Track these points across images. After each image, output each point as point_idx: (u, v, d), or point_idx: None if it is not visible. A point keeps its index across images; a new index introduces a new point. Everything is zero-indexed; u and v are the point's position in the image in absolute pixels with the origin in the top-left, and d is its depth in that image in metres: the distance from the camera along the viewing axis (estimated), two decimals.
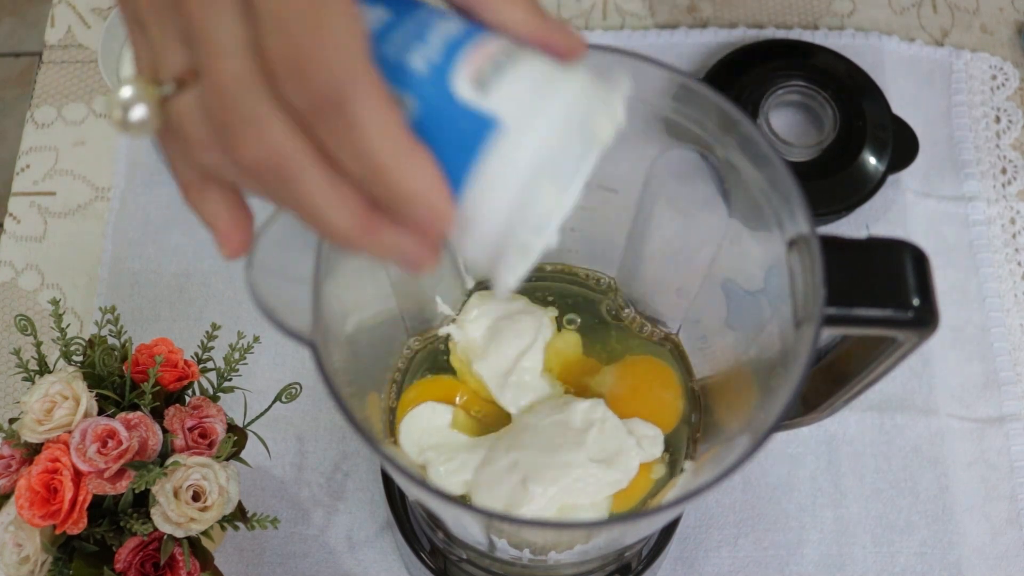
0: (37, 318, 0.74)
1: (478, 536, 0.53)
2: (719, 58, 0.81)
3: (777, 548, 0.69)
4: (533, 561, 0.56)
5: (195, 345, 0.63)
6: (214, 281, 0.77)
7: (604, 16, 0.86)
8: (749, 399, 0.49)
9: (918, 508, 0.70)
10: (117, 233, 0.78)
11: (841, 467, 0.71)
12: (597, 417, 0.54)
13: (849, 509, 0.70)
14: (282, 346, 0.73)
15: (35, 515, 0.54)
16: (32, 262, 0.78)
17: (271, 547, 0.69)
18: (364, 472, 0.71)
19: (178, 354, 0.61)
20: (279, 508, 0.70)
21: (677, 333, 0.59)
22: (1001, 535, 0.70)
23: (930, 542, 0.69)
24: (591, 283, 0.61)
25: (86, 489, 0.55)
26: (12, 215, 0.80)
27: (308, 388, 0.66)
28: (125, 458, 0.55)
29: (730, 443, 0.48)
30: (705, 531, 0.70)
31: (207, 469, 0.57)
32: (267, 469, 0.70)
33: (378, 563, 0.69)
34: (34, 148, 0.82)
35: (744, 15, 0.86)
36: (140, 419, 0.57)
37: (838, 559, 0.69)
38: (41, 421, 0.56)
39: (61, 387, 0.57)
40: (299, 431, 0.72)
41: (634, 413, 0.55)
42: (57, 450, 0.55)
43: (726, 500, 0.70)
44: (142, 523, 0.55)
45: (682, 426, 0.57)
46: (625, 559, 0.62)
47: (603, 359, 0.59)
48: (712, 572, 0.69)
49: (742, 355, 0.52)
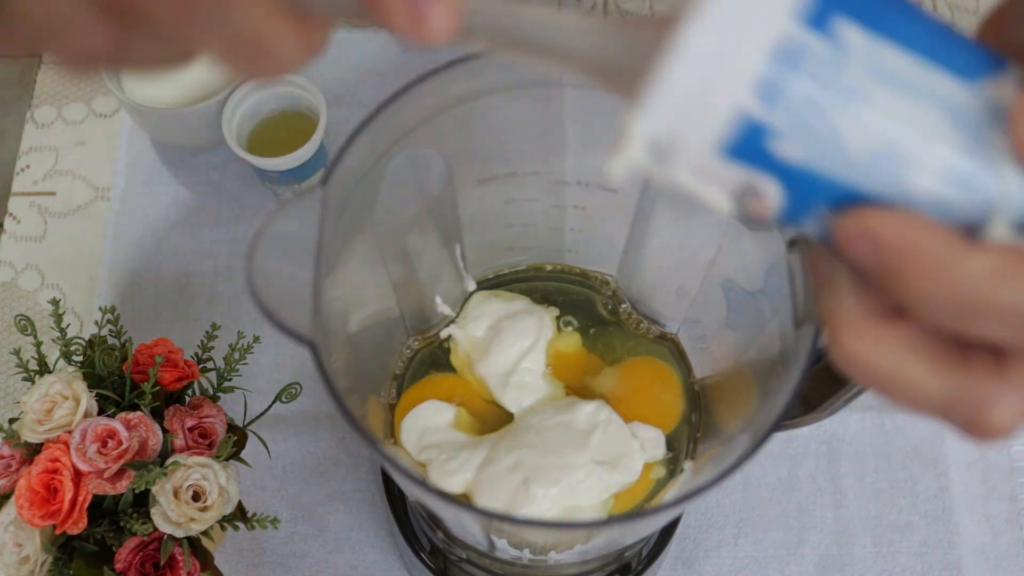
0: (37, 318, 0.74)
1: (478, 536, 0.53)
2: None
3: (777, 548, 0.69)
4: (533, 561, 0.56)
5: (195, 345, 0.63)
6: (214, 281, 0.77)
7: (604, 16, 0.86)
8: (749, 399, 0.49)
9: (918, 508, 0.70)
10: (117, 233, 0.78)
11: (841, 467, 0.71)
12: (601, 419, 0.54)
13: (849, 509, 0.70)
14: (282, 346, 0.73)
15: (35, 515, 0.54)
16: (32, 262, 0.78)
17: (271, 547, 0.69)
18: (364, 472, 0.71)
19: (178, 354, 0.61)
20: (279, 508, 0.70)
21: (677, 333, 0.59)
22: (1001, 535, 0.70)
23: (930, 542, 0.69)
24: (591, 283, 0.61)
25: (86, 489, 0.55)
26: (12, 215, 0.80)
27: (308, 388, 0.66)
28: (125, 458, 0.55)
29: (730, 443, 0.48)
30: (705, 531, 0.70)
31: (207, 469, 0.57)
32: (267, 469, 0.70)
33: (378, 563, 0.69)
34: (34, 148, 0.82)
35: None
36: (140, 419, 0.57)
37: (838, 559, 0.69)
38: (41, 421, 0.56)
39: (61, 387, 0.57)
40: (299, 431, 0.72)
41: (635, 414, 0.55)
42: (57, 450, 0.55)
43: (726, 500, 0.70)
44: (142, 523, 0.55)
45: (682, 426, 0.57)
46: (625, 559, 0.62)
47: (604, 359, 0.59)
48: (712, 572, 0.69)
49: (742, 355, 0.52)
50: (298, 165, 0.72)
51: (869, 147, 0.26)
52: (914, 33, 0.26)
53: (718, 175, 0.27)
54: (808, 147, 0.26)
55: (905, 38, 0.26)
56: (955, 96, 0.26)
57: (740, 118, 0.26)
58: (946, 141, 0.26)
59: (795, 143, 0.26)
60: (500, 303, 0.58)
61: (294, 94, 0.74)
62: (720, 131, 0.26)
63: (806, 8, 0.25)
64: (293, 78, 0.72)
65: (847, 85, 0.25)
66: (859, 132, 0.26)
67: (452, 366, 0.58)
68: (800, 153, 0.26)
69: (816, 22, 0.25)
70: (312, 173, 0.74)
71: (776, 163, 0.26)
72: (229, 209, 0.79)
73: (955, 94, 0.26)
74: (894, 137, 0.26)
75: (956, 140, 0.26)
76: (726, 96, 0.26)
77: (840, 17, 0.26)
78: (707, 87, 0.26)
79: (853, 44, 0.26)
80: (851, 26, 0.26)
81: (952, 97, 0.26)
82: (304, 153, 0.71)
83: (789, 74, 0.25)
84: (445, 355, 0.58)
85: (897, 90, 0.26)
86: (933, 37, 0.26)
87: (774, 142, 0.26)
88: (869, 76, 0.26)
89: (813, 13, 0.25)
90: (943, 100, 0.26)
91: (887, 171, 0.26)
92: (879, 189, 0.26)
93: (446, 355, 0.58)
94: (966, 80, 0.26)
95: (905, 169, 0.26)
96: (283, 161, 0.71)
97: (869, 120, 0.26)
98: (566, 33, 0.29)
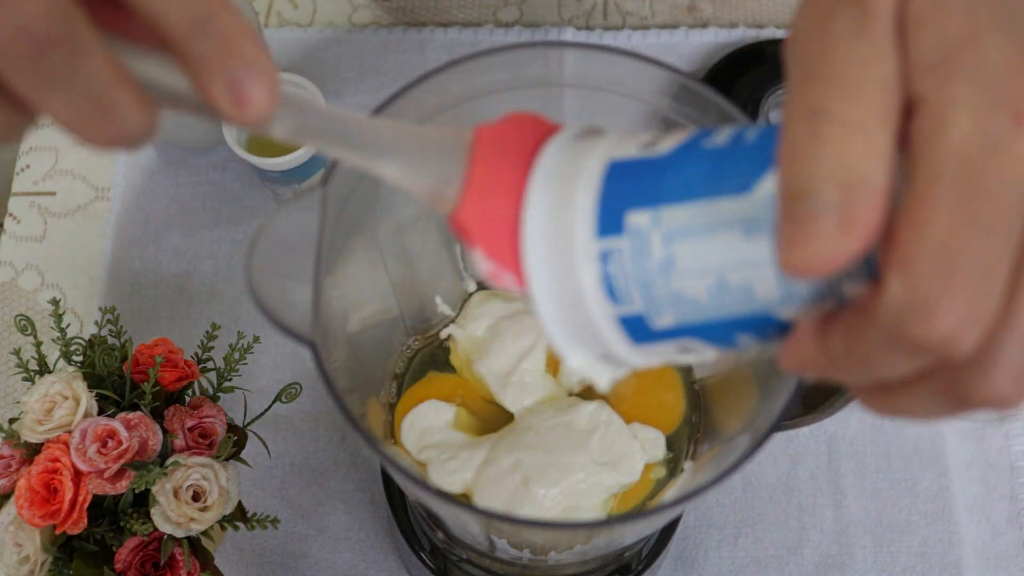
0: (37, 318, 0.74)
1: (478, 536, 0.53)
2: (719, 58, 0.81)
3: (777, 548, 0.69)
4: (533, 561, 0.56)
5: (195, 345, 0.63)
6: (214, 281, 0.77)
7: (604, 16, 0.86)
8: (749, 399, 0.49)
9: (918, 508, 0.70)
10: (117, 233, 0.78)
11: (841, 467, 0.71)
12: (602, 419, 0.54)
13: (849, 509, 0.70)
14: (282, 346, 0.73)
15: (35, 515, 0.54)
16: (32, 262, 0.78)
17: (271, 547, 0.69)
18: (364, 472, 0.71)
19: (178, 354, 0.61)
20: (279, 508, 0.70)
21: None
22: (1001, 535, 0.70)
23: (930, 542, 0.69)
24: None
25: (86, 489, 0.55)
26: (12, 215, 0.80)
27: (308, 388, 0.66)
28: (125, 458, 0.55)
29: (730, 443, 0.48)
30: (705, 531, 0.70)
31: (207, 469, 0.57)
32: (267, 469, 0.70)
33: (378, 563, 0.69)
34: (34, 148, 0.82)
35: (744, 15, 0.86)
36: (140, 419, 0.57)
37: (838, 559, 0.69)
38: (41, 421, 0.56)
39: (61, 387, 0.57)
40: (299, 431, 0.72)
41: (636, 414, 0.55)
42: (57, 450, 0.55)
43: (726, 500, 0.70)
44: (142, 523, 0.55)
45: (683, 426, 0.57)
46: (625, 559, 0.62)
47: None
48: (712, 572, 0.69)
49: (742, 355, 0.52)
50: (298, 165, 0.72)
51: (710, 287, 0.29)
52: (684, 186, 0.29)
53: (656, 351, 0.32)
54: (676, 311, 0.30)
55: (679, 195, 0.29)
56: (741, 210, 0.28)
57: (619, 322, 0.31)
58: (757, 247, 0.28)
59: (666, 315, 0.30)
60: (500, 303, 0.58)
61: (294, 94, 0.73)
62: (620, 335, 0.31)
63: (600, 223, 0.30)
64: (293, 78, 0.72)
65: (660, 256, 0.29)
66: (693, 282, 0.29)
67: (452, 366, 0.58)
68: (675, 318, 0.30)
69: (611, 228, 0.30)
70: (312, 173, 0.74)
71: (672, 331, 0.30)
72: (229, 209, 0.79)
73: (740, 208, 0.28)
74: (718, 269, 0.28)
75: (763, 244, 0.28)
76: (601, 314, 0.31)
77: (627, 211, 0.30)
78: (584, 317, 0.31)
79: (642, 226, 0.29)
80: (636, 213, 0.29)
81: (740, 212, 0.28)
82: (304, 153, 0.71)
83: (621, 274, 0.30)
84: (445, 355, 0.58)
85: (695, 236, 0.28)
86: (703, 178, 0.29)
87: (654, 320, 0.30)
88: (670, 239, 0.29)
89: (607, 223, 0.30)
90: (735, 219, 0.28)
91: (739, 294, 0.28)
92: (750, 308, 0.29)
93: (446, 355, 0.58)
94: (744, 191, 0.28)
95: (750, 286, 0.28)
96: (283, 161, 0.71)
97: (691, 270, 0.29)
98: (375, 134, 0.33)
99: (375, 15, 0.86)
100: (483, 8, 0.86)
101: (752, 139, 0.29)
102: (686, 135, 0.31)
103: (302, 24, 0.86)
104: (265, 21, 0.86)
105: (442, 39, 0.84)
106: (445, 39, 0.84)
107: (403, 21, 0.86)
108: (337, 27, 0.86)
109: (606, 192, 0.30)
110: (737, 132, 0.29)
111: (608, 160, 0.31)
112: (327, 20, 0.86)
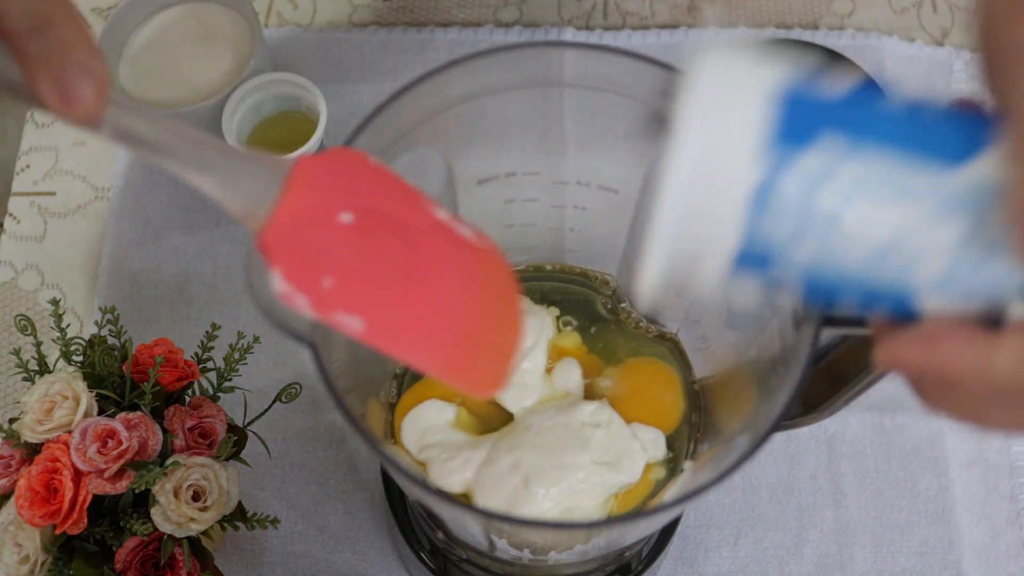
0: (37, 318, 0.74)
1: (478, 536, 0.53)
2: None
3: (777, 548, 0.69)
4: (533, 561, 0.56)
5: (195, 345, 0.63)
6: (214, 281, 0.77)
7: (604, 16, 0.86)
8: (749, 399, 0.49)
9: (918, 508, 0.70)
10: (117, 233, 0.78)
11: (841, 467, 0.71)
12: (603, 419, 0.54)
13: (849, 509, 0.70)
14: (282, 346, 0.73)
15: (35, 515, 0.54)
16: (32, 262, 0.78)
17: (271, 547, 0.69)
18: (364, 472, 0.71)
19: (178, 354, 0.61)
20: (279, 508, 0.70)
21: (677, 333, 0.59)
22: (1001, 535, 0.70)
23: (930, 542, 0.69)
24: (591, 283, 0.61)
25: (86, 489, 0.55)
26: (12, 215, 0.80)
27: (308, 388, 0.66)
28: (125, 458, 0.55)
29: (730, 443, 0.48)
30: (705, 531, 0.70)
31: (207, 469, 0.57)
32: (267, 469, 0.70)
33: (378, 563, 0.69)
34: (34, 148, 0.82)
35: (744, 15, 0.86)
36: (140, 419, 0.57)
37: (838, 559, 0.69)
38: (41, 421, 0.56)
39: (61, 387, 0.57)
40: (299, 431, 0.72)
41: (636, 414, 0.55)
42: (57, 450, 0.55)
43: (726, 500, 0.70)
44: (142, 523, 0.55)
45: (683, 427, 0.57)
46: (625, 559, 0.62)
47: (604, 359, 0.59)
48: (712, 572, 0.69)
49: (742, 355, 0.52)
50: None
51: (870, 248, 0.27)
52: (892, 134, 0.27)
53: (743, 285, 0.30)
54: (815, 251, 0.27)
55: (879, 136, 0.27)
56: (942, 187, 0.26)
57: (742, 238, 0.28)
58: (943, 232, 0.26)
59: (803, 251, 0.27)
60: None
61: (294, 94, 0.74)
62: (725, 251, 0.29)
63: (784, 127, 0.27)
64: (293, 78, 0.72)
65: (838, 192, 0.27)
66: (855, 239, 0.27)
67: None
68: (811, 256, 0.27)
69: (797, 137, 0.27)
70: None
71: (783, 269, 0.28)
72: None
73: (942, 185, 0.26)
74: (890, 237, 0.26)
75: (953, 230, 0.26)
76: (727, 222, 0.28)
77: (821, 129, 0.27)
78: (703, 224, 0.29)
79: (837, 152, 0.27)
80: (832, 137, 0.27)
81: (939, 188, 0.26)
82: (304, 153, 0.71)
83: (779, 188, 0.27)
84: None
85: (878, 191, 0.27)
86: (911, 133, 0.27)
87: (785, 252, 0.28)
88: (857, 183, 0.27)
89: (792, 130, 0.27)
90: (932, 193, 0.26)
91: (895, 267, 0.27)
92: (894, 283, 0.27)
93: None
94: (944, 168, 0.26)
95: (909, 265, 0.26)
96: None
97: (863, 224, 0.27)
98: (201, 151, 0.36)
99: (375, 15, 0.86)
100: (483, 8, 0.86)
101: (946, 116, 0.27)
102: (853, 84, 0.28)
103: (302, 24, 0.86)
104: (265, 21, 0.86)
105: (442, 39, 0.84)
106: (445, 39, 0.84)
107: (403, 21, 0.86)
108: (337, 27, 0.85)
109: (794, 101, 0.27)
110: (914, 102, 0.28)
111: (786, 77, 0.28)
112: (327, 20, 0.86)
